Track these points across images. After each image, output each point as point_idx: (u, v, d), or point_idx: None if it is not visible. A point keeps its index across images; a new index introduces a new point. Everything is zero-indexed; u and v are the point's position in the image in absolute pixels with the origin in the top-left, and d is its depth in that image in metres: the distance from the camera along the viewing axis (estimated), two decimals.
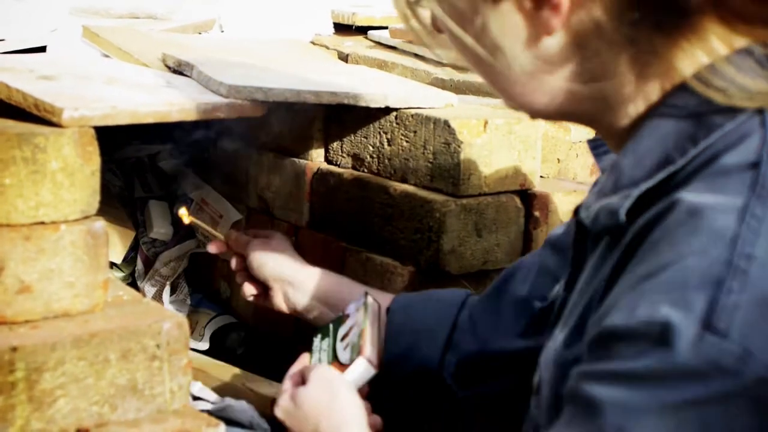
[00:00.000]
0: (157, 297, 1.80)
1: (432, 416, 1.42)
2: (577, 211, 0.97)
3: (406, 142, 1.53)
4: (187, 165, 1.88)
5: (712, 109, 0.84)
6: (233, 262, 1.49)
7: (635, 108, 0.88)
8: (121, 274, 1.84)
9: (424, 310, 1.33)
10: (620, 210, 0.86)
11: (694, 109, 0.84)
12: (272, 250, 1.48)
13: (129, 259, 1.85)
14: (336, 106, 1.49)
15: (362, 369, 1.22)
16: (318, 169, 1.65)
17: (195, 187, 1.86)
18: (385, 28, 2.16)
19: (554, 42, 0.87)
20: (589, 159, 1.70)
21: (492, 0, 0.86)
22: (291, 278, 1.44)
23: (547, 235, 1.35)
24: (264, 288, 1.47)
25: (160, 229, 1.86)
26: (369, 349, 1.23)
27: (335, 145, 1.65)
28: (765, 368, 0.74)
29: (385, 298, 1.36)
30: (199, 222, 1.58)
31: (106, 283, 1.10)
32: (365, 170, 1.60)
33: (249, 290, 1.48)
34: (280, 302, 1.45)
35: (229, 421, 1.32)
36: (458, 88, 1.79)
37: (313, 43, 2.09)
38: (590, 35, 0.85)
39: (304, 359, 1.29)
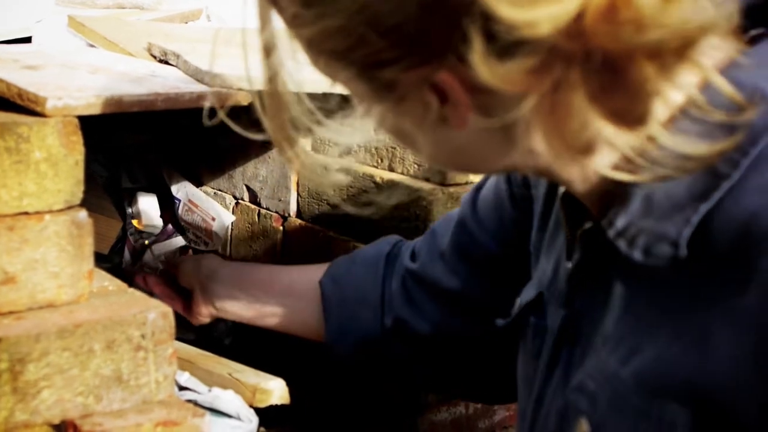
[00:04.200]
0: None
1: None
2: (581, 231, 0.90)
3: None
4: (172, 155, 1.87)
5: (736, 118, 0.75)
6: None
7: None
8: (108, 265, 1.83)
9: (351, 275, 1.35)
10: (680, 240, 0.78)
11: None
12: (201, 257, 1.54)
13: (116, 250, 1.85)
14: (322, 95, 1.48)
15: None
16: None
17: (178, 185, 1.85)
18: None
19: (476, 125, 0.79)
20: None
21: (397, 101, 0.80)
22: (212, 272, 1.47)
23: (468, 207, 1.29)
24: (187, 299, 1.51)
25: (150, 222, 1.85)
26: None
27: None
28: None
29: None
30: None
31: (91, 273, 1.09)
32: (352, 159, 1.60)
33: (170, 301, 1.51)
34: (198, 304, 1.48)
35: (216, 412, 1.32)
36: None
37: None
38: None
39: None
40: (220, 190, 1.83)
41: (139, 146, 1.89)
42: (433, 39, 0.73)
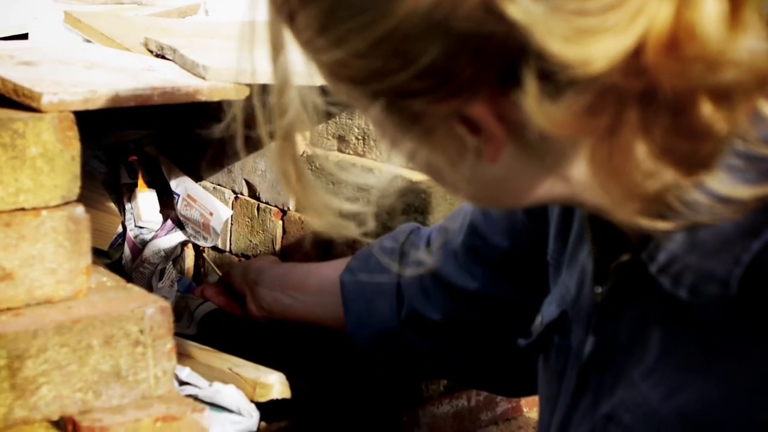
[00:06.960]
0: (145, 284, 1.79)
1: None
2: (617, 263, 0.82)
3: None
4: (171, 151, 1.87)
5: None
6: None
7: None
8: (108, 261, 1.83)
9: (369, 268, 1.36)
10: (730, 280, 0.72)
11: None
12: (249, 262, 1.57)
13: (116, 246, 1.84)
14: (320, 88, 1.48)
15: None
16: (303, 151, 1.64)
17: (177, 180, 1.84)
18: None
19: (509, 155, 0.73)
20: None
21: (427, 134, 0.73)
22: (257, 276, 1.49)
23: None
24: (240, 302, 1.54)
25: (149, 218, 1.85)
26: None
27: (320, 127, 1.64)
28: None
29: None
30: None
31: (89, 268, 1.09)
32: (350, 152, 1.60)
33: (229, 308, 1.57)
34: (250, 308, 1.50)
35: (217, 407, 1.32)
36: None
37: None
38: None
39: None
40: (219, 185, 1.82)
41: (138, 142, 1.89)
42: (466, 72, 0.67)
